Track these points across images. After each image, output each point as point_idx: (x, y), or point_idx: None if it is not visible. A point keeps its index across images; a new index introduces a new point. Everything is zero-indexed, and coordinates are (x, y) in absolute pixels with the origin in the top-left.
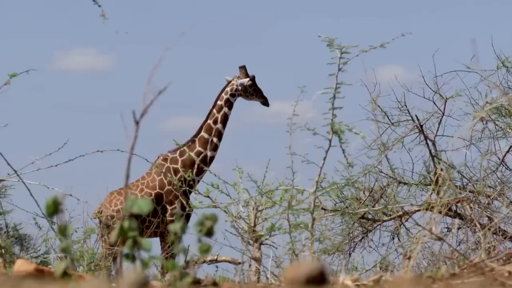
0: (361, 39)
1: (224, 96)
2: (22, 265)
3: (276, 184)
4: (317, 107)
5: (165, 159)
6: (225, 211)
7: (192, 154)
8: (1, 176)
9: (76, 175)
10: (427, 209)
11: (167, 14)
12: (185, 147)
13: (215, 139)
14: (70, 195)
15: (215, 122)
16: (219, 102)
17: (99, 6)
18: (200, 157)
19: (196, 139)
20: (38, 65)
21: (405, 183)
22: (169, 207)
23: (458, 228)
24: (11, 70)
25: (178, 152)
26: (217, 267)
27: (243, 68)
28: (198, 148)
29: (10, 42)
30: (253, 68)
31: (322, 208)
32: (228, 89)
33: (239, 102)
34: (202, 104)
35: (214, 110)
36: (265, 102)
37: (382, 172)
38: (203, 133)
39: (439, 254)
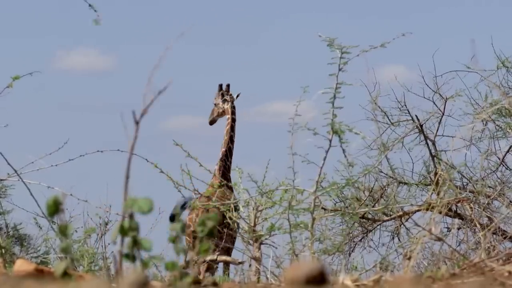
0: (361, 39)
1: (235, 112)
2: (22, 265)
3: (276, 184)
4: (318, 107)
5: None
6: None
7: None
8: (1, 176)
9: (77, 175)
10: (427, 209)
11: (167, 14)
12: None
13: (233, 151)
14: (71, 194)
15: (233, 134)
16: (235, 117)
17: (95, 11)
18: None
19: (226, 149)
20: (39, 65)
21: (405, 183)
22: None
23: (458, 228)
24: (12, 70)
25: (223, 159)
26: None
27: (227, 86)
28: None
29: (11, 42)
30: (252, 67)
31: (322, 208)
32: (234, 104)
33: (240, 104)
34: (202, 104)
35: (235, 125)
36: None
37: (382, 172)
38: (230, 144)
39: (439, 254)
